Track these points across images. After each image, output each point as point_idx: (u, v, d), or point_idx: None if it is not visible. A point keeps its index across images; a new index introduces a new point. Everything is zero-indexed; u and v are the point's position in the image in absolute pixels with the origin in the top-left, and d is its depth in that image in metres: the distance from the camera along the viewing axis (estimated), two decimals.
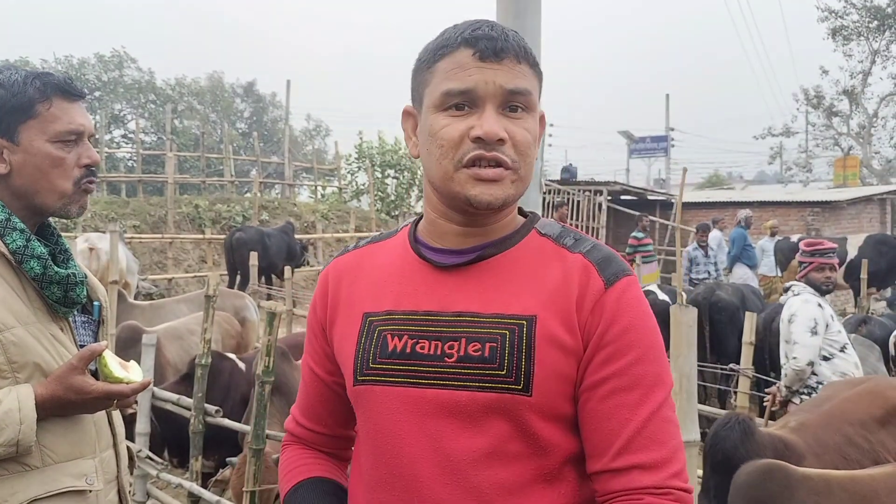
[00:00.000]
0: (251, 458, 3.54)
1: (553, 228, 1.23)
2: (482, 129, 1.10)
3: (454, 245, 1.20)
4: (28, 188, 1.61)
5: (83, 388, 1.54)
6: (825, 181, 31.02)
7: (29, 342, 1.55)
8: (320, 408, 1.35)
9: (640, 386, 1.11)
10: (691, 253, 10.78)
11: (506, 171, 1.12)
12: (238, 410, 4.49)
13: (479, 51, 1.12)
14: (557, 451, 1.13)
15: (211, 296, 4.25)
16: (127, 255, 9.55)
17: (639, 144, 33.93)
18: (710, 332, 7.53)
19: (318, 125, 40.32)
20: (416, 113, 1.21)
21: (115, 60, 32.42)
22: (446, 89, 1.13)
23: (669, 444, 1.11)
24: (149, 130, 29.73)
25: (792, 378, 4.34)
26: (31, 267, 1.57)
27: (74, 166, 1.64)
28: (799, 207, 17.20)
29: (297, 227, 16.30)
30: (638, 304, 1.15)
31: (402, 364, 1.15)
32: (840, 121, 33.80)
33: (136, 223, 14.41)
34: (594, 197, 17.06)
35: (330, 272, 1.32)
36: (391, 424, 1.16)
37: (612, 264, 1.16)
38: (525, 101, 1.14)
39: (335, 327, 1.27)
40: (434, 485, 1.12)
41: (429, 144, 1.16)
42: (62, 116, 1.62)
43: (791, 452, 2.90)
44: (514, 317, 1.12)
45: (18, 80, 1.59)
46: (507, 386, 1.10)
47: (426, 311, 1.17)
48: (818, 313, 4.33)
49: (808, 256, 4.55)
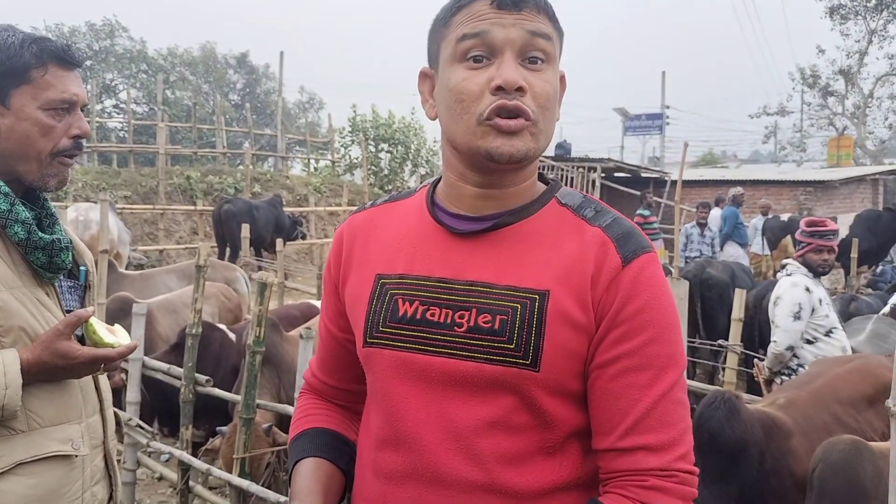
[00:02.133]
0: (241, 427, 3.55)
1: (574, 198, 1.20)
2: (501, 77, 1.08)
3: (471, 210, 1.18)
4: (12, 153, 1.57)
5: (69, 353, 1.54)
6: (819, 161, 31.10)
7: (13, 306, 1.53)
8: (333, 363, 1.36)
9: (653, 366, 1.09)
10: (688, 230, 10.77)
11: (526, 121, 1.09)
12: (229, 380, 4.49)
13: (497, 0, 1.10)
14: (562, 425, 1.13)
15: (201, 266, 4.22)
16: (119, 225, 9.49)
17: (634, 122, 33.82)
18: (700, 309, 7.56)
19: (312, 98, 40.03)
20: (433, 74, 1.19)
21: (107, 29, 32.00)
22: (462, 33, 1.11)
23: (678, 427, 1.10)
24: (140, 101, 29.45)
25: (771, 360, 4.36)
26: (16, 232, 1.55)
27: (63, 136, 1.60)
28: (791, 187, 17.23)
29: (290, 200, 16.25)
30: (655, 282, 1.12)
31: (411, 330, 1.15)
32: (835, 101, 33.77)
33: (126, 194, 14.32)
34: (588, 174, 17.04)
35: (345, 230, 1.31)
36: (397, 388, 1.16)
37: (632, 240, 1.13)
38: (545, 48, 1.11)
39: (347, 286, 1.27)
40: (437, 448, 1.12)
41: (448, 100, 1.13)
42: (56, 84, 1.58)
43: (779, 430, 2.90)
44: (527, 290, 1.11)
45: (15, 42, 1.55)
46: (515, 360, 1.09)
47: (439, 277, 1.16)
48: (804, 297, 4.30)
49: (807, 236, 4.47)
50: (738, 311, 5.11)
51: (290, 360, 4.14)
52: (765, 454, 2.82)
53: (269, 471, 3.69)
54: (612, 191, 17.91)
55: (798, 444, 2.89)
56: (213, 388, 4.13)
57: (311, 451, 1.28)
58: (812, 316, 4.32)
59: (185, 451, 4.11)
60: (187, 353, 4.13)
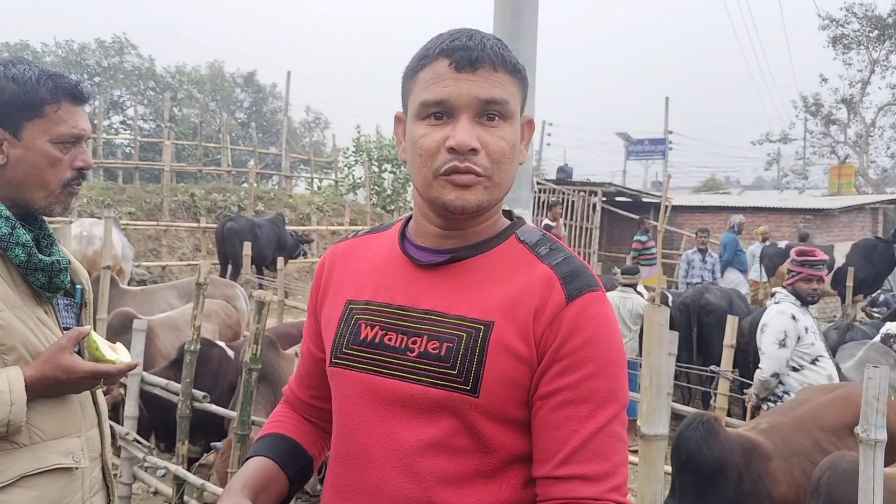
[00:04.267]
0: (236, 442, 3.62)
1: (532, 235, 1.26)
2: (455, 139, 1.14)
3: (434, 245, 1.25)
4: (19, 182, 1.64)
5: (71, 368, 1.60)
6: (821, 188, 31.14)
7: (16, 325, 1.59)
8: (309, 380, 1.44)
9: (592, 400, 1.13)
10: (689, 256, 10.78)
11: (478, 178, 1.16)
12: (226, 397, 4.56)
13: (455, 61, 1.15)
14: (502, 450, 1.17)
15: (201, 283, 4.31)
16: (122, 241, 9.59)
17: (636, 146, 33.92)
18: (697, 335, 7.62)
19: (318, 117, 40.33)
20: (405, 119, 1.26)
21: (116, 46, 32.35)
22: (423, 99, 1.17)
23: (613, 459, 1.14)
24: (147, 117, 29.71)
25: (757, 387, 4.44)
26: (17, 254, 1.61)
27: (68, 167, 1.68)
28: (791, 214, 17.28)
29: (293, 218, 16.36)
30: (599, 320, 1.16)
31: (370, 352, 1.22)
32: (838, 129, 33.95)
33: (131, 210, 14.43)
34: (589, 197, 17.13)
35: (327, 258, 1.40)
36: (353, 406, 1.24)
37: (579, 279, 1.18)
38: (501, 109, 1.17)
39: (323, 309, 1.35)
40: (382, 466, 1.19)
41: (411, 152, 1.21)
42: (67, 120, 1.66)
43: (758, 453, 2.96)
44: (473, 320, 1.17)
45: (32, 77, 1.62)
46: (456, 385, 1.15)
47: (399, 304, 1.23)
48: (790, 325, 4.37)
49: (797, 265, 4.54)
50: (731, 338, 5.18)
51: (285, 378, 4.21)
52: (743, 476, 2.88)
53: None
54: (613, 215, 17.99)
55: (777, 468, 2.95)
56: (209, 403, 4.19)
57: (264, 451, 1.36)
58: (798, 344, 4.38)
59: (181, 466, 4.17)
60: (185, 368, 4.20)
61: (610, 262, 16.37)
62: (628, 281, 7.19)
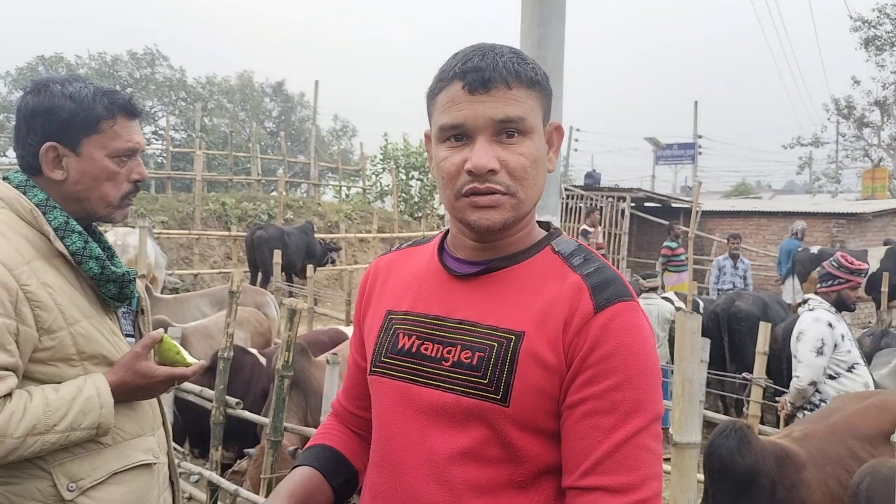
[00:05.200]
0: (269, 449, 3.66)
1: (567, 246, 1.26)
2: (472, 162, 1.16)
3: (470, 257, 1.28)
4: (80, 195, 1.73)
5: (149, 373, 1.72)
6: (854, 192, 30.62)
7: (93, 334, 1.69)
8: (355, 391, 1.47)
9: (618, 411, 1.13)
10: (720, 262, 10.66)
11: (502, 196, 1.18)
12: (258, 403, 4.61)
13: (468, 84, 1.17)
14: (533, 460, 1.18)
15: (234, 292, 4.37)
16: (156, 249, 9.74)
17: (665, 151, 33.71)
18: (728, 342, 7.54)
19: (345, 125, 40.64)
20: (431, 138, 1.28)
21: (148, 58, 32.92)
22: (441, 123, 1.20)
23: (640, 472, 1.12)
24: (179, 128, 30.22)
25: (794, 395, 4.36)
26: (90, 267, 1.70)
27: (125, 180, 1.76)
28: (824, 219, 17.02)
29: (321, 226, 16.48)
30: (628, 330, 1.15)
31: (407, 361, 1.26)
32: (871, 132, 33.34)
33: (164, 219, 14.65)
34: (617, 203, 17.04)
35: (371, 270, 1.44)
36: (390, 414, 1.27)
37: (609, 289, 1.18)
38: (518, 126, 1.18)
39: (366, 320, 1.39)
40: (415, 473, 1.21)
41: (436, 173, 1.24)
42: (123, 134, 1.74)
43: (791, 461, 2.93)
44: (505, 330, 1.19)
45: (88, 95, 1.70)
46: (487, 394, 1.17)
47: (435, 315, 1.26)
48: (826, 333, 4.31)
49: (846, 273, 4.47)
50: (763, 345, 5.12)
51: (317, 385, 4.25)
52: (777, 484, 2.86)
53: None
54: (642, 221, 17.87)
55: (811, 476, 2.92)
56: (242, 410, 4.25)
57: (310, 461, 1.40)
58: (834, 351, 4.32)
59: (215, 471, 4.23)
60: (219, 376, 4.26)
61: (639, 268, 16.26)
62: (651, 284, 7.16)
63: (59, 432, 1.59)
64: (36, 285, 1.60)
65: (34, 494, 1.62)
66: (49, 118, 1.67)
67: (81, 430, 1.62)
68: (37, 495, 1.62)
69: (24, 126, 1.69)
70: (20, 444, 1.54)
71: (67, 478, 1.64)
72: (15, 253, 1.60)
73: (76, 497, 1.64)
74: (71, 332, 1.64)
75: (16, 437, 1.54)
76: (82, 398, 1.62)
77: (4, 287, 1.56)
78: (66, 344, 1.64)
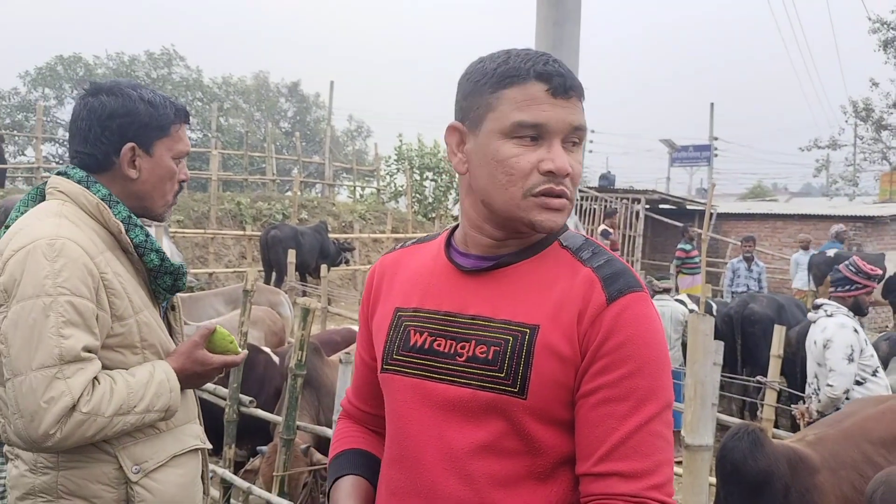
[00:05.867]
0: (282, 447, 3.69)
1: (575, 241, 1.29)
2: (555, 164, 1.19)
3: (483, 253, 1.29)
4: (146, 193, 1.84)
5: (206, 361, 1.84)
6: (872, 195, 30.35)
7: (152, 323, 1.80)
8: (365, 389, 1.49)
9: (632, 398, 1.16)
10: (734, 265, 10.61)
11: (566, 200, 1.22)
12: (271, 402, 4.63)
13: (553, 87, 1.19)
14: (551, 452, 1.21)
15: (248, 291, 4.40)
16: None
17: (681, 153, 33.55)
18: (741, 345, 7.49)
19: (360, 126, 40.78)
20: (465, 131, 1.26)
21: (165, 58, 33.18)
22: (519, 120, 1.19)
23: (654, 457, 1.15)
24: (195, 127, 30.35)
25: (826, 404, 4.29)
26: (151, 259, 1.81)
27: (177, 180, 1.89)
28: (841, 222, 16.90)
29: (335, 226, 16.55)
30: (639, 320, 1.18)
31: (420, 358, 1.27)
32: (889, 134, 33.03)
33: (179, 218, 14.74)
34: (632, 205, 17.00)
35: (376, 269, 1.45)
36: (405, 411, 1.28)
37: (620, 280, 1.20)
38: (581, 136, 1.24)
39: (374, 318, 1.40)
40: (434, 468, 1.23)
41: (493, 169, 1.21)
42: (183, 138, 1.88)
43: (805, 465, 2.91)
44: (519, 324, 1.21)
45: (159, 100, 1.83)
46: (504, 387, 1.19)
47: (446, 311, 1.27)
48: (854, 339, 4.26)
49: (864, 278, 4.41)
50: (777, 348, 5.08)
51: (329, 384, 4.27)
52: (790, 488, 2.84)
53: (306, 490, 3.81)
54: (657, 223, 17.81)
55: (824, 481, 2.90)
56: (256, 408, 4.28)
57: (350, 468, 1.41)
58: (860, 356, 4.28)
59: (228, 469, 4.25)
60: (232, 374, 4.29)
61: (654, 270, 16.20)
62: (664, 286, 7.14)
63: (138, 413, 1.68)
64: (111, 274, 1.70)
65: (100, 478, 1.71)
66: (129, 120, 1.77)
67: (154, 413, 1.71)
68: (103, 478, 1.71)
69: (99, 126, 1.77)
70: (108, 423, 1.63)
71: (132, 461, 1.73)
72: (90, 242, 1.69)
73: (140, 479, 1.74)
74: (136, 321, 1.75)
75: (106, 416, 1.62)
76: (155, 382, 1.71)
77: (90, 273, 1.65)
78: (132, 332, 1.74)
